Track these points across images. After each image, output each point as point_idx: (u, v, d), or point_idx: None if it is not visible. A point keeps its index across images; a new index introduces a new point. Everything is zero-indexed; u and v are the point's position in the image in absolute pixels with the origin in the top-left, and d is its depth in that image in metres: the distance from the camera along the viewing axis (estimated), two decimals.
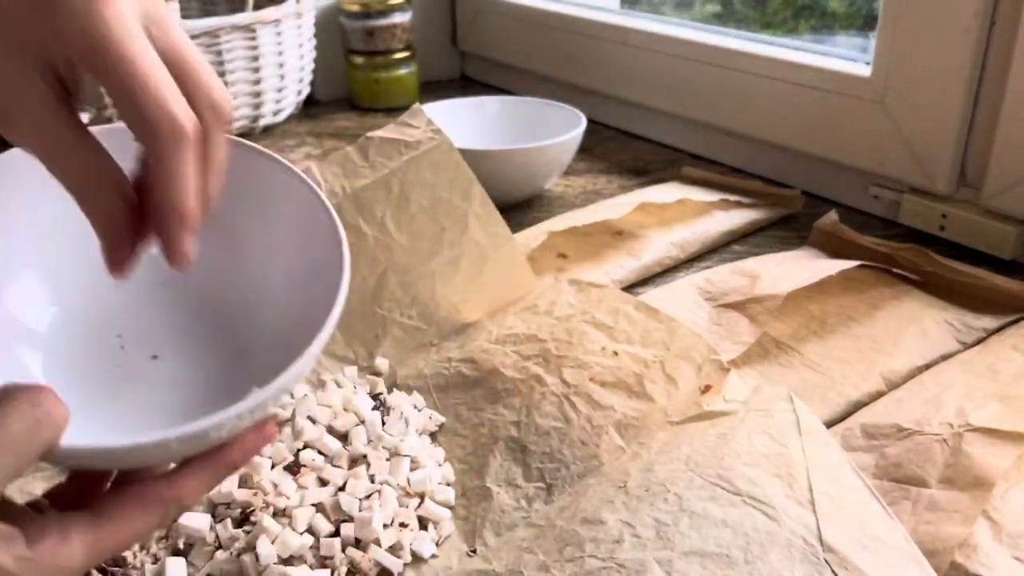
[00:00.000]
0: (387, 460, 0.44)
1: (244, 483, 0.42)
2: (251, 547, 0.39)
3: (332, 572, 0.39)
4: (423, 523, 0.42)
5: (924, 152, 0.68)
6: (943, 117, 0.66)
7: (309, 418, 0.45)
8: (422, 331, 0.55)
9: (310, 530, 0.40)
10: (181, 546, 0.41)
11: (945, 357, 0.52)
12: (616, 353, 0.47)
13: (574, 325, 0.50)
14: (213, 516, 0.41)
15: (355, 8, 1.07)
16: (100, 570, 0.40)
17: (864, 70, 0.71)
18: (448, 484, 0.44)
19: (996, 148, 0.63)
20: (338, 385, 0.52)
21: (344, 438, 0.45)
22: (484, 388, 0.49)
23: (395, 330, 0.55)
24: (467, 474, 0.45)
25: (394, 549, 0.40)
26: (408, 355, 0.54)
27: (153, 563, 0.40)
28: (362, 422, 0.46)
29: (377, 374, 0.53)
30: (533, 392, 0.47)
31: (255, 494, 0.41)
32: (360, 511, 0.41)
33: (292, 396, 0.51)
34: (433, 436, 0.48)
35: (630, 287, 0.63)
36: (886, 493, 0.39)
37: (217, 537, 0.40)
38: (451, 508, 0.43)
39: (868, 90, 0.70)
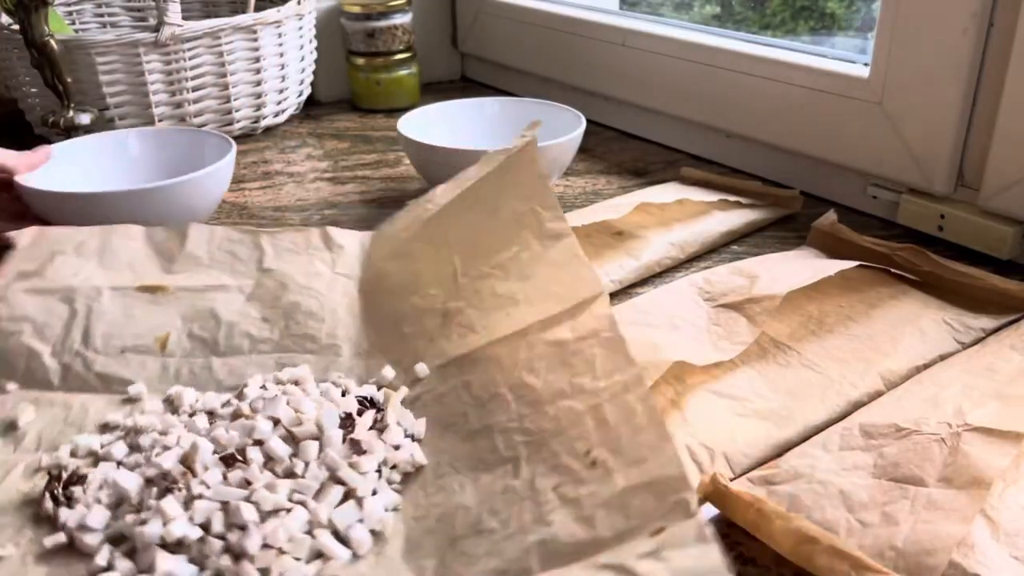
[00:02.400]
0: (321, 481, 0.42)
1: (184, 461, 0.42)
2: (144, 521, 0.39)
3: (200, 571, 0.38)
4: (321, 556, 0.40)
5: (922, 153, 0.68)
6: (941, 118, 0.66)
7: (271, 417, 0.45)
8: (465, 338, 0.51)
9: (205, 524, 0.39)
10: (104, 500, 0.42)
11: (943, 357, 0.52)
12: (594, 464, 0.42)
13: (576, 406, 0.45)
14: (147, 482, 0.42)
15: (356, 9, 1.08)
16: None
17: (862, 71, 0.71)
18: (377, 532, 0.41)
19: (994, 149, 0.63)
20: (335, 385, 0.51)
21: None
22: (477, 446, 0.45)
23: (439, 339, 0.52)
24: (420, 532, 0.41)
25: (264, 572, 0.38)
26: (435, 371, 0.51)
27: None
28: (318, 437, 0.44)
29: (390, 387, 0.51)
30: (507, 478, 0.43)
31: (184, 474, 0.41)
32: (258, 522, 0.39)
33: (265, 387, 0.50)
34: (408, 477, 0.45)
35: (630, 287, 0.64)
36: (884, 492, 0.39)
37: (141, 502, 0.41)
38: (357, 558, 0.40)
39: (866, 91, 0.71)
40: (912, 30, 0.66)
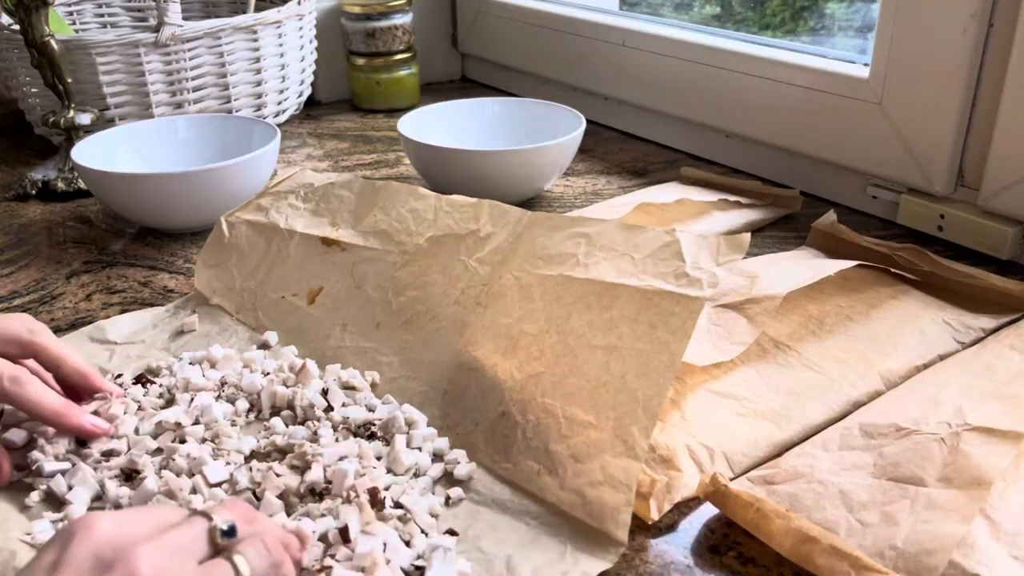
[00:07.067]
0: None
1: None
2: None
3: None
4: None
5: (922, 153, 0.68)
6: (941, 118, 0.66)
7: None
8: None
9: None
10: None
11: (943, 357, 0.52)
12: None
13: None
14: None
15: (356, 10, 1.08)
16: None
17: (862, 71, 0.71)
18: None
19: (993, 149, 0.63)
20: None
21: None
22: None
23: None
24: None
25: None
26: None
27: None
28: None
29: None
30: None
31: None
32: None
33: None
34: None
35: None
36: (884, 492, 0.40)
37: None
38: None
39: (866, 91, 0.71)
40: (912, 30, 0.66)
